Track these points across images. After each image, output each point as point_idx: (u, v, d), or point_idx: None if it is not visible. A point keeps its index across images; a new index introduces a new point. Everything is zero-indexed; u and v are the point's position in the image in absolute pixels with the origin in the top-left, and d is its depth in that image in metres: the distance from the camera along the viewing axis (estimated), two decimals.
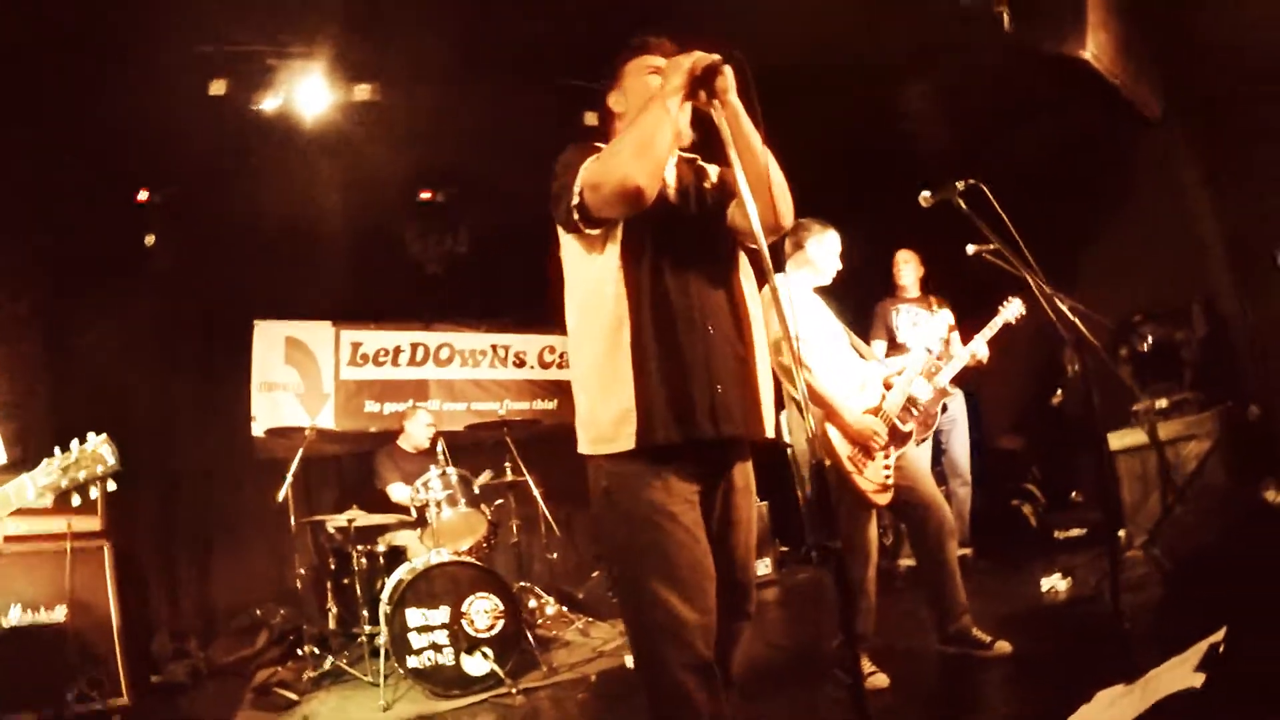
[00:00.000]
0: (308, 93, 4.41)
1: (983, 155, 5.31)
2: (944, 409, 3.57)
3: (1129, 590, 3.08)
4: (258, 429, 5.71)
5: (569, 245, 1.96)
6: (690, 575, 1.75)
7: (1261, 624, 2.00)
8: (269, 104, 4.36)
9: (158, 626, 4.90)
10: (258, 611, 5.12)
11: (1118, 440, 4.75)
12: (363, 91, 4.44)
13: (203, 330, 5.75)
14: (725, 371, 1.84)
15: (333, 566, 4.94)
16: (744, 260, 2.02)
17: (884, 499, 3.13)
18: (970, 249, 3.25)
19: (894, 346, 4.79)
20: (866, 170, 5.81)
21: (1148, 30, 4.60)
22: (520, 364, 7.14)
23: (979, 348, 3.64)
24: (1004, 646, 3.04)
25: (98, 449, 2.26)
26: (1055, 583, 3.89)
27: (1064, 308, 3.04)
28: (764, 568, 5.85)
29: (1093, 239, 5.69)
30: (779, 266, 3.28)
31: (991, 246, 3.09)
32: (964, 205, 3.01)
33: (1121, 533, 4.37)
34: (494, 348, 7.01)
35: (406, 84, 4.57)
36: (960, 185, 3.01)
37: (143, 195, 5.05)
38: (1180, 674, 1.77)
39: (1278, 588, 2.33)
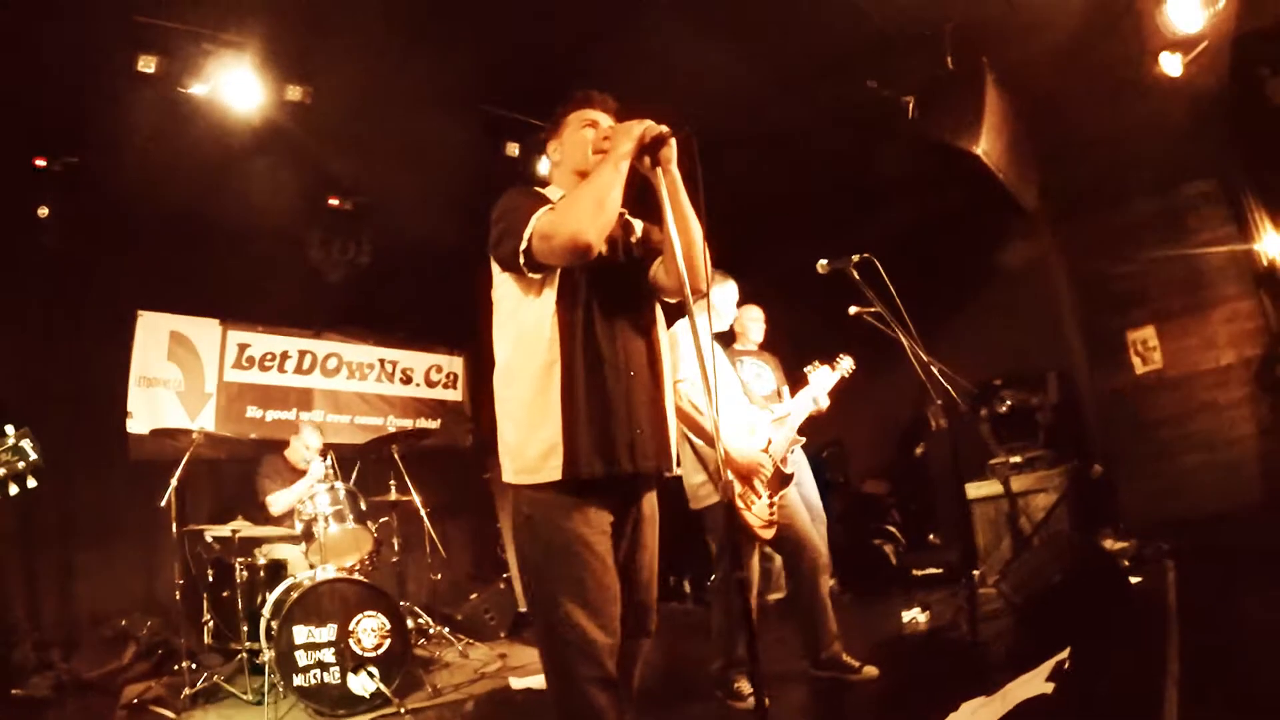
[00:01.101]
0: (236, 84, 4.32)
1: (869, 223, 5.97)
2: (793, 453, 3.99)
3: (984, 621, 3.57)
4: (134, 425, 5.42)
5: (505, 284, 2.13)
6: (600, 599, 1.94)
7: (1098, 648, 2.46)
8: (196, 89, 4.24)
9: (19, 636, 4.59)
10: (123, 622, 4.87)
11: (975, 490, 5.43)
12: (294, 92, 4.41)
13: (83, 314, 5.39)
14: (643, 412, 2.05)
15: (210, 578, 4.78)
16: (657, 309, 2.24)
17: (769, 534, 3.44)
18: (853, 310, 3.67)
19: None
20: (763, 227, 6.28)
21: (1033, 131, 5.36)
22: (407, 380, 7.14)
23: (821, 398, 3.86)
24: (872, 670, 3.40)
25: (18, 443, 2.23)
26: (915, 615, 4.39)
27: (934, 369, 3.55)
28: None
29: (962, 309, 6.46)
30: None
31: (873, 309, 3.56)
32: (856, 275, 3.47)
33: (976, 572, 4.98)
34: (382, 362, 6.97)
35: (335, 90, 4.59)
36: (855, 258, 3.47)
37: (41, 161, 4.72)
38: (1033, 684, 2.18)
39: (1111, 619, 2.84)
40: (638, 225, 2.26)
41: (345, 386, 6.73)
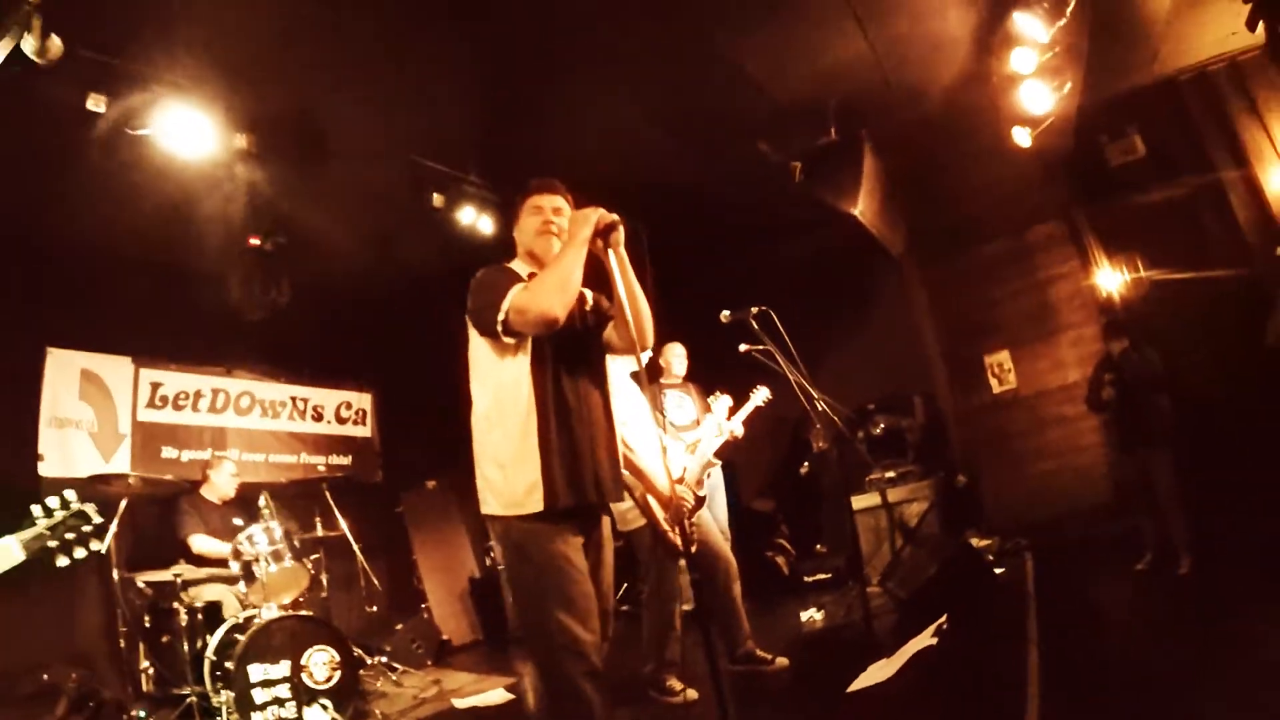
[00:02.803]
0: (177, 127, 4.48)
1: (759, 266, 6.89)
2: (708, 477, 4.69)
3: (875, 616, 4.39)
4: (46, 469, 5.47)
5: (482, 347, 2.61)
6: (585, 605, 2.46)
7: (969, 621, 3.31)
8: (141, 130, 4.41)
9: None
10: (44, 676, 4.78)
11: (858, 502, 6.37)
12: (240, 141, 4.66)
13: None
14: (602, 452, 2.60)
15: (147, 623, 4.93)
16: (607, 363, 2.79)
17: (689, 550, 4.17)
18: (743, 348, 4.38)
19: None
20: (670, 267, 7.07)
21: (903, 187, 6.38)
22: (318, 417, 7.46)
23: (736, 426, 4.60)
24: (783, 661, 4.12)
25: (82, 507, 2.56)
26: (812, 614, 5.22)
27: (817, 399, 4.36)
28: None
29: (840, 340, 7.48)
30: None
31: (761, 347, 4.29)
32: (755, 324, 4.21)
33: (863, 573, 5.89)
34: (294, 399, 7.26)
35: (266, 135, 4.87)
36: (754, 310, 4.20)
37: None
38: (922, 640, 3.00)
39: (980, 602, 3.71)
40: (589, 296, 2.78)
41: (259, 425, 6.96)
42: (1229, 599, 4.54)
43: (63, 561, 2.43)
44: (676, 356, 5.02)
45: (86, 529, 2.48)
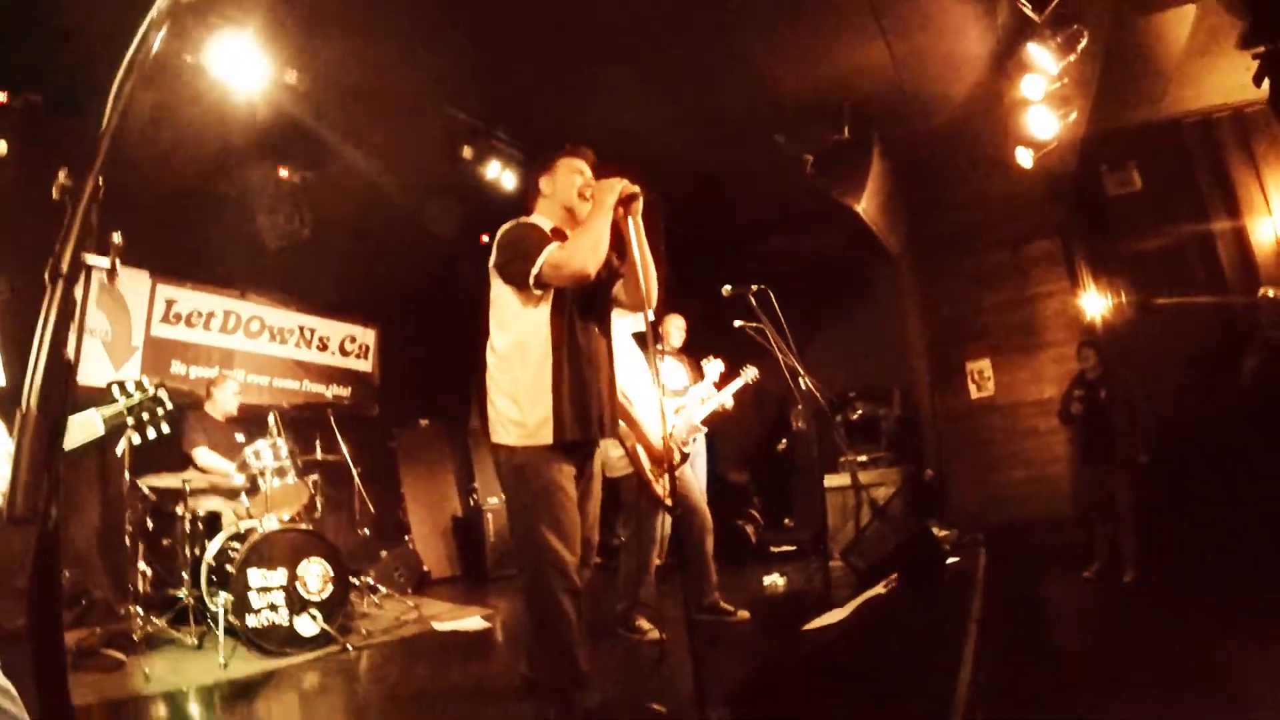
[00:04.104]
0: (231, 59, 4.67)
1: (763, 252, 7.29)
2: (694, 441, 5.05)
3: (834, 586, 4.82)
4: None
5: (507, 294, 2.94)
6: (571, 529, 2.83)
7: (916, 587, 3.77)
8: (191, 58, 4.59)
9: None
10: None
11: (829, 481, 6.83)
12: (290, 77, 4.91)
13: (21, 254, 5.24)
14: (604, 394, 2.99)
15: (150, 527, 5.21)
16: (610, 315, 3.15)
17: (669, 501, 4.33)
18: (737, 323, 4.72)
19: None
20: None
21: (906, 190, 6.77)
22: (323, 348, 7.79)
23: (726, 398, 4.97)
24: (744, 614, 4.53)
25: (157, 392, 2.87)
26: (775, 579, 5.69)
27: (802, 379, 4.76)
28: None
29: (830, 329, 7.92)
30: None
31: (755, 324, 4.64)
32: (753, 301, 4.59)
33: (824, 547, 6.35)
34: (301, 329, 7.57)
35: (311, 73, 5.13)
36: (754, 287, 4.57)
37: (1, 97, 4.92)
38: (873, 591, 3.46)
39: (930, 578, 4.17)
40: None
41: (266, 349, 7.25)
42: (1164, 608, 5.06)
43: (135, 439, 2.70)
44: (676, 328, 5.41)
45: (160, 412, 2.75)
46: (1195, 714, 3.07)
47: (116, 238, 1.28)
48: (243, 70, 4.83)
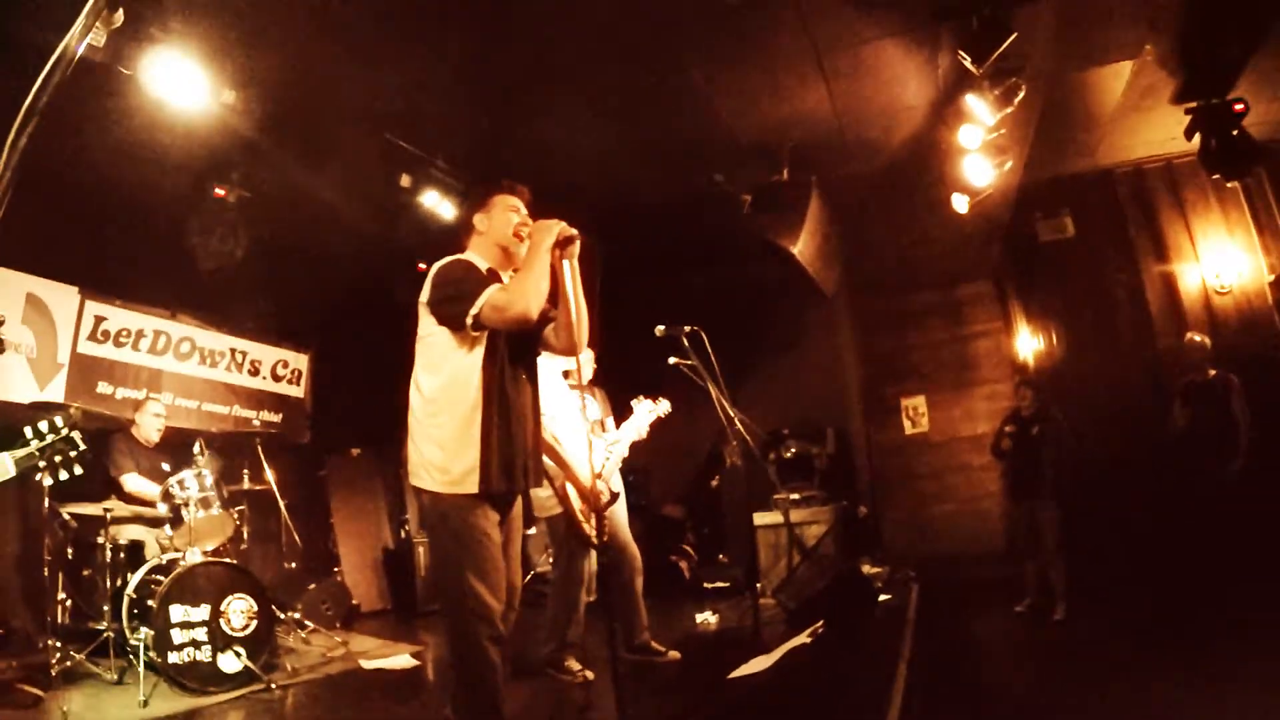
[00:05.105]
0: (160, 69, 4.56)
1: (699, 287, 7.41)
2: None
3: (764, 625, 4.85)
4: None
5: (440, 334, 2.89)
6: (496, 577, 2.81)
7: (847, 633, 3.83)
8: (132, 71, 4.48)
9: None
10: None
11: (761, 518, 6.93)
12: (228, 96, 4.84)
13: None
14: (530, 444, 3.00)
15: (70, 556, 5.06)
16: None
17: (598, 542, 4.36)
18: (672, 360, 4.82)
19: None
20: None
21: (843, 230, 6.96)
22: (255, 372, 7.66)
23: (643, 429, 4.84)
24: (675, 654, 4.54)
25: (70, 434, 2.87)
26: (707, 617, 5.75)
27: (735, 417, 4.83)
28: None
29: (765, 366, 8.08)
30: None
31: (689, 362, 4.73)
32: (686, 341, 4.67)
33: (759, 584, 6.42)
34: (233, 351, 7.44)
35: (252, 91, 5.06)
36: (687, 329, 4.65)
37: None
38: (798, 640, 3.52)
39: (861, 621, 4.24)
40: None
41: (196, 372, 7.11)
42: (1093, 644, 5.22)
43: (48, 481, 2.74)
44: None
45: (72, 454, 2.77)
46: None
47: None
48: (180, 86, 4.74)
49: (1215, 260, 7.24)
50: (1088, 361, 7.55)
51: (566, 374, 4.68)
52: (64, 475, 2.78)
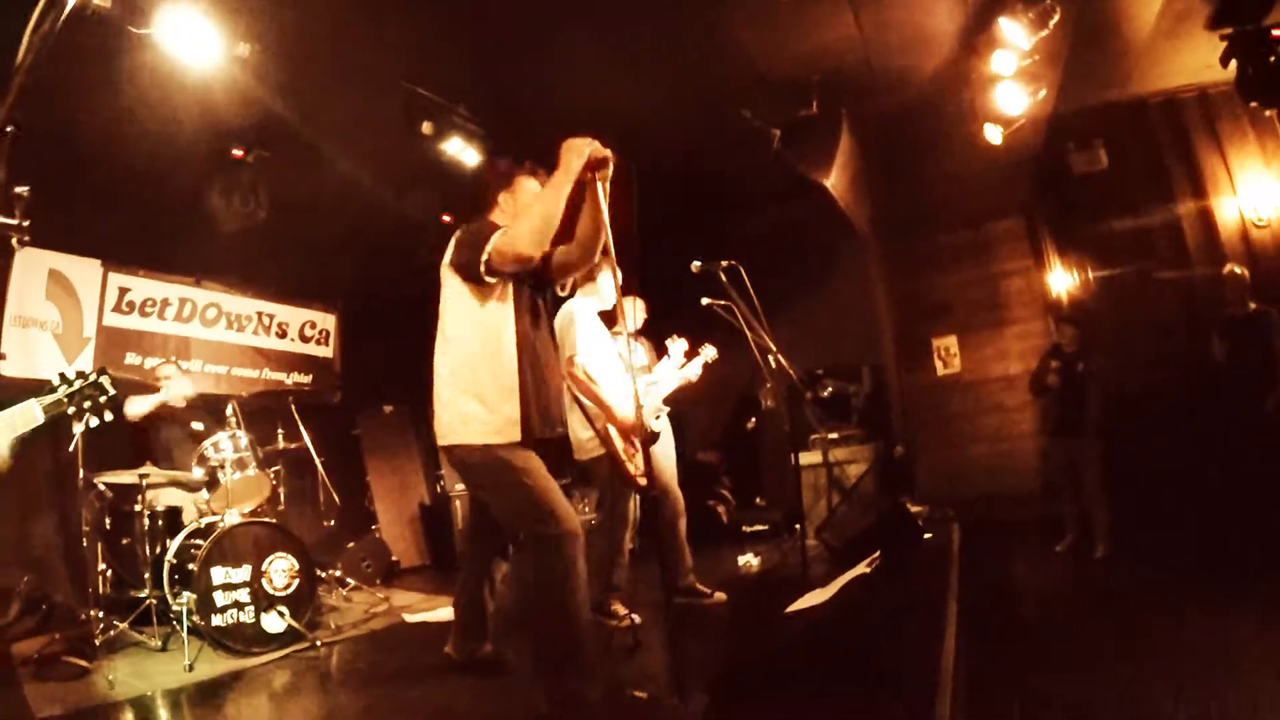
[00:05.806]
0: (174, 25, 4.44)
1: (731, 228, 7.25)
2: (657, 419, 4.88)
3: (810, 564, 4.85)
4: (6, 368, 5.49)
5: (462, 292, 2.95)
6: (562, 500, 2.87)
7: (894, 569, 3.79)
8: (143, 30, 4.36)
9: None
10: None
11: (802, 459, 6.84)
12: (242, 49, 4.66)
13: None
14: (559, 392, 3.11)
15: (108, 526, 5.06)
16: None
17: (643, 482, 4.29)
18: (705, 301, 4.71)
19: None
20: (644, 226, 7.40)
21: (873, 167, 6.77)
22: (282, 334, 7.64)
23: (692, 372, 4.83)
24: (721, 595, 4.54)
25: (99, 379, 2.79)
26: (749, 559, 5.72)
27: (771, 358, 4.73)
28: None
29: (797, 307, 7.91)
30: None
31: (723, 303, 4.62)
32: (724, 277, 4.56)
33: (798, 526, 6.37)
34: (260, 315, 7.41)
35: (264, 47, 4.86)
36: (724, 264, 4.55)
37: None
38: (858, 571, 3.47)
39: (908, 556, 4.19)
40: None
41: (223, 337, 7.10)
42: (1134, 583, 5.14)
43: (78, 427, 2.66)
44: (633, 309, 5.35)
45: (102, 399, 2.69)
46: (1169, 689, 3.10)
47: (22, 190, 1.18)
48: (193, 42, 4.60)
49: (1253, 193, 6.99)
50: (1123, 297, 7.36)
51: (604, 314, 4.57)
52: (95, 421, 2.70)
